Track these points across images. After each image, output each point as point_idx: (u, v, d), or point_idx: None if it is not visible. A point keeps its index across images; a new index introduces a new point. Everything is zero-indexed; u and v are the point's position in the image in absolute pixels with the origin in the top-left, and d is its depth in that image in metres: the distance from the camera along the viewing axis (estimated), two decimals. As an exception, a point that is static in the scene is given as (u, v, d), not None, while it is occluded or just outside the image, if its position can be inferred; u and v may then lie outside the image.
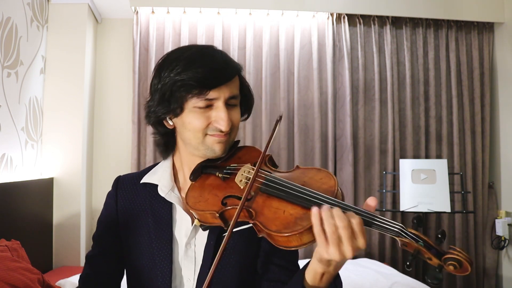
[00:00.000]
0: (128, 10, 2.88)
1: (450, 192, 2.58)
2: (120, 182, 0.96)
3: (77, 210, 2.62)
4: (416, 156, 3.07)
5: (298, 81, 2.98)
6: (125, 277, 0.95)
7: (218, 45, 2.92)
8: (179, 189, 0.91)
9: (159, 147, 0.94)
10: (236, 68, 0.84)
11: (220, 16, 2.96)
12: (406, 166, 2.68)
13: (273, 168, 0.83)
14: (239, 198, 0.73)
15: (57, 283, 1.95)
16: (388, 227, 0.62)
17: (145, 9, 2.91)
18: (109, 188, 0.98)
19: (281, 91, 2.96)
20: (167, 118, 0.85)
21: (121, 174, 1.00)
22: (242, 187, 0.76)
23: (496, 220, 3.03)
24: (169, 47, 2.89)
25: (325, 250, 0.61)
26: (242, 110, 0.89)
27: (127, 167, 2.89)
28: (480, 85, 3.16)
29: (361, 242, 0.60)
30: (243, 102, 0.89)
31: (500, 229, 2.97)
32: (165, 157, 0.95)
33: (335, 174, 2.99)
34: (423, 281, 2.40)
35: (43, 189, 2.47)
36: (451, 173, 2.79)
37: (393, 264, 2.90)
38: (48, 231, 2.52)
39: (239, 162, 0.84)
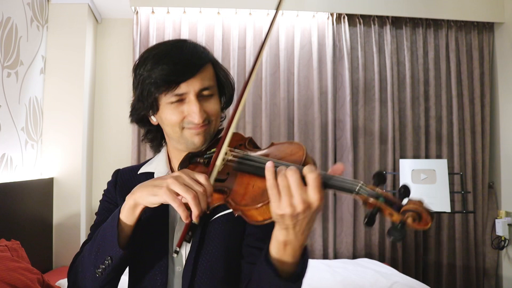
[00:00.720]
0: (128, 10, 2.88)
1: (450, 192, 2.58)
2: (120, 173, 1.00)
3: (77, 210, 2.62)
4: (416, 156, 3.07)
5: (298, 81, 2.98)
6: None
7: (218, 45, 2.92)
8: None
9: (151, 143, 0.97)
10: (205, 58, 0.84)
11: (220, 16, 2.96)
12: (406, 166, 2.68)
13: (253, 149, 0.84)
14: (219, 180, 0.75)
15: (57, 283, 1.95)
16: (346, 185, 0.61)
17: (145, 9, 2.91)
18: None
19: (281, 91, 2.96)
20: (149, 115, 0.88)
21: (121, 168, 1.03)
22: (220, 169, 0.77)
23: (496, 220, 3.03)
24: (169, 47, 2.89)
25: (277, 205, 0.61)
26: (222, 98, 0.90)
27: (127, 167, 2.89)
28: (480, 85, 3.16)
29: (312, 195, 0.59)
30: (221, 90, 0.90)
31: (500, 229, 2.97)
32: (157, 151, 0.99)
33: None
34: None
35: (43, 189, 2.47)
36: (451, 173, 2.79)
37: (393, 264, 2.90)
38: (48, 231, 2.52)
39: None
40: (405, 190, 0.59)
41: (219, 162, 0.75)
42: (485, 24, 3.20)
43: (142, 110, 0.86)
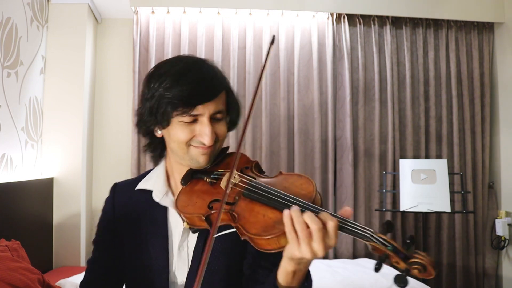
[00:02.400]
0: (128, 10, 2.88)
1: (450, 192, 2.58)
2: (117, 189, 0.99)
3: (77, 210, 2.62)
4: (416, 156, 3.07)
5: (298, 81, 2.98)
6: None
7: (218, 45, 2.92)
8: (173, 193, 0.93)
9: (152, 153, 0.97)
10: (223, 84, 0.86)
11: (220, 16, 2.96)
12: (406, 166, 2.68)
13: (259, 174, 0.85)
14: (227, 203, 0.76)
15: (57, 283, 1.95)
16: (359, 232, 0.65)
17: (145, 9, 2.91)
18: (109, 188, 1.00)
19: (281, 91, 2.96)
20: (156, 128, 0.88)
21: (118, 181, 1.02)
22: (228, 191, 0.78)
23: (496, 220, 3.03)
24: (169, 47, 2.89)
25: (296, 248, 0.63)
26: (229, 122, 0.92)
27: (127, 167, 2.89)
28: (480, 85, 3.16)
29: (332, 242, 0.63)
30: (230, 115, 0.91)
31: (500, 229, 2.97)
32: (156, 163, 0.98)
33: (335, 174, 2.99)
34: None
35: (43, 189, 2.47)
36: (451, 173, 2.79)
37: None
38: (48, 231, 2.52)
39: (227, 168, 0.87)
40: (410, 240, 0.64)
41: (229, 187, 0.76)
42: (485, 24, 3.20)
43: (152, 124, 0.86)
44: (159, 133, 0.89)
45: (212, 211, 0.77)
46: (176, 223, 0.89)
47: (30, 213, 2.27)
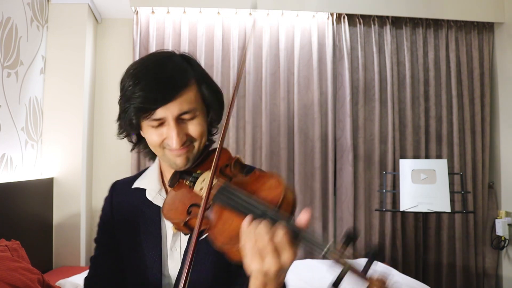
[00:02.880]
0: (128, 10, 2.88)
1: (450, 192, 2.58)
2: (116, 188, 0.99)
3: (77, 210, 2.62)
4: (416, 156, 3.07)
5: (298, 81, 2.98)
6: None
7: (218, 45, 2.92)
8: (166, 191, 0.92)
9: (144, 152, 0.96)
10: (186, 79, 0.80)
11: (220, 16, 2.96)
12: (406, 166, 2.68)
13: (237, 173, 0.81)
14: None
15: (57, 283, 1.95)
16: (316, 246, 0.60)
17: (145, 9, 2.91)
18: (109, 188, 1.01)
19: (281, 91, 2.96)
20: (132, 134, 0.88)
21: (118, 179, 1.02)
22: (202, 196, 0.74)
23: (496, 220, 3.03)
24: (169, 47, 2.89)
25: (249, 262, 0.60)
26: (210, 116, 0.87)
27: (127, 167, 2.89)
28: (480, 85, 3.16)
29: (286, 256, 0.59)
30: (209, 109, 0.86)
31: (500, 229, 2.97)
32: (152, 158, 0.98)
33: (335, 174, 2.99)
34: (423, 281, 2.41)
35: (43, 189, 2.47)
36: (451, 173, 2.79)
37: (393, 264, 2.90)
38: (48, 231, 2.52)
39: (211, 166, 0.81)
40: (349, 238, 0.59)
41: (206, 193, 0.72)
42: (485, 24, 3.20)
43: (126, 130, 0.87)
44: (134, 137, 0.89)
45: (191, 217, 0.74)
46: (169, 223, 0.89)
47: (30, 213, 2.27)
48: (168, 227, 0.89)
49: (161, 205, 0.88)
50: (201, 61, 2.84)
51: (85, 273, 1.06)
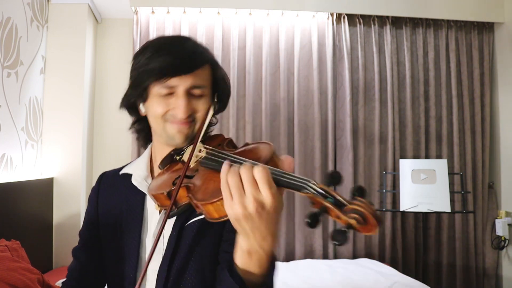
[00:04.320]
0: (128, 10, 2.88)
1: (450, 192, 2.58)
2: (104, 177, 0.99)
3: (77, 210, 2.62)
4: (416, 156, 3.07)
5: (298, 81, 2.98)
6: None
7: (218, 45, 2.92)
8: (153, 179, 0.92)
9: (137, 134, 0.97)
10: (204, 59, 0.84)
11: (220, 16, 2.96)
12: (406, 166, 2.68)
13: (230, 149, 0.81)
14: (187, 176, 0.72)
15: (57, 283, 1.95)
16: (293, 182, 0.58)
17: (145, 9, 2.91)
18: None
19: (281, 91, 2.96)
20: (138, 104, 0.88)
21: (107, 170, 1.02)
22: (192, 166, 0.75)
23: (496, 220, 3.03)
24: (169, 47, 2.89)
25: (229, 205, 0.59)
26: (216, 101, 0.89)
27: (127, 167, 2.89)
28: (480, 85, 3.16)
29: (265, 194, 0.57)
30: (217, 93, 0.89)
31: (500, 229, 2.97)
32: (144, 145, 0.98)
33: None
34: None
35: (43, 189, 2.47)
36: (451, 173, 2.79)
37: (393, 264, 2.90)
38: (48, 231, 2.52)
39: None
40: (359, 191, 0.56)
41: (191, 158, 0.73)
42: (485, 24, 3.20)
43: (132, 97, 0.86)
44: (142, 111, 0.88)
45: (174, 187, 0.73)
46: (153, 211, 0.87)
47: (30, 213, 2.27)
48: (152, 214, 0.87)
49: (145, 192, 0.87)
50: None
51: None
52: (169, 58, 0.79)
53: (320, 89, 2.99)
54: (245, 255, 0.64)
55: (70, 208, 2.61)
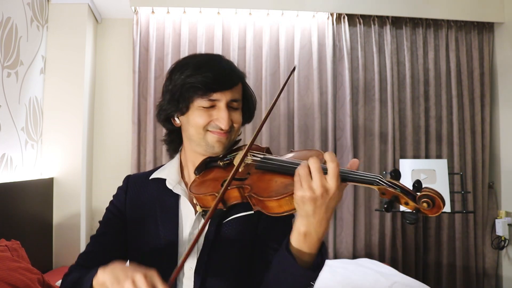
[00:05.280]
0: (128, 10, 2.88)
1: (450, 192, 2.58)
2: (131, 179, 1.05)
3: (77, 210, 2.62)
4: (416, 156, 3.07)
5: (298, 81, 2.98)
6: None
7: (218, 45, 2.92)
8: (186, 184, 0.98)
9: (168, 145, 1.04)
10: (240, 76, 0.96)
11: (220, 16, 2.96)
12: (406, 166, 2.68)
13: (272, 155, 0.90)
14: (237, 179, 0.80)
15: (57, 283, 1.95)
16: (365, 178, 0.68)
17: (145, 9, 2.91)
18: (109, 188, 1.04)
19: (281, 91, 2.96)
20: (175, 116, 0.95)
21: (130, 174, 1.09)
22: (240, 170, 0.83)
23: (496, 220, 3.03)
24: (169, 47, 2.89)
25: (299, 187, 0.67)
26: (244, 114, 1.00)
27: (127, 167, 2.89)
28: (480, 85, 3.16)
29: (330, 181, 0.66)
30: (245, 107, 1.00)
31: (500, 229, 2.97)
32: (172, 155, 1.05)
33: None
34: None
35: (43, 189, 2.47)
36: (451, 173, 2.79)
37: (393, 264, 2.90)
38: (48, 231, 2.52)
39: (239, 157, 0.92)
40: (418, 183, 0.66)
41: (241, 163, 0.80)
42: (485, 24, 3.20)
43: (172, 111, 0.93)
44: (177, 122, 0.95)
45: (222, 189, 0.79)
46: (187, 212, 0.93)
47: (30, 213, 2.27)
48: (186, 215, 0.93)
49: (180, 194, 0.95)
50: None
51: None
52: (211, 74, 0.88)
53: (320, 89, 2.99)
54: (301, 237, 0.72)
55: (70, 208, 2.61)
